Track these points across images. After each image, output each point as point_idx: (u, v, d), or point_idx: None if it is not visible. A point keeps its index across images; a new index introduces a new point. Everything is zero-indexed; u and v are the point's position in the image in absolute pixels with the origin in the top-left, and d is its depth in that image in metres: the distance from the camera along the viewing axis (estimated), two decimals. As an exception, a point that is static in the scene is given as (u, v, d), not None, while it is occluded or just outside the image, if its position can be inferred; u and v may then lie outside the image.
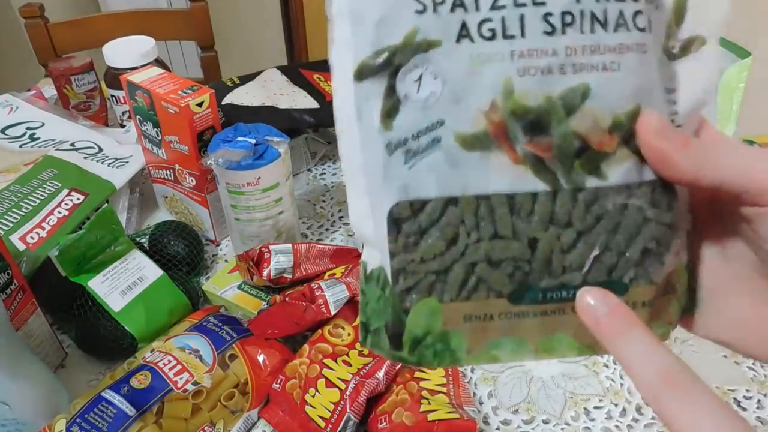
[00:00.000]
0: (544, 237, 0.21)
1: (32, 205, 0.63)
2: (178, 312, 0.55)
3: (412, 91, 0.20)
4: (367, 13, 0.20)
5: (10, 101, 0.83)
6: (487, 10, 0.20)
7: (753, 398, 0.51)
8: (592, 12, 0.20)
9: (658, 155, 0.21)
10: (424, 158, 0.21)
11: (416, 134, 0.21)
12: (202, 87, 0.62)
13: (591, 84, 0.20)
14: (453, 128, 0.20)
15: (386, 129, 0.21)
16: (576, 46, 0.20)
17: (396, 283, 0.22)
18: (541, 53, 0.20)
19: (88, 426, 0.42)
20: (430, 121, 0.21)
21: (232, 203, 0.60)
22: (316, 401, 0.46)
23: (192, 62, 2.17)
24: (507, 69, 0.20)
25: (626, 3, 0.20)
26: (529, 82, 0.20)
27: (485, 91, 0.20)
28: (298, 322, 0.51)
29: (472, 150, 0.20)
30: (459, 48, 0.20)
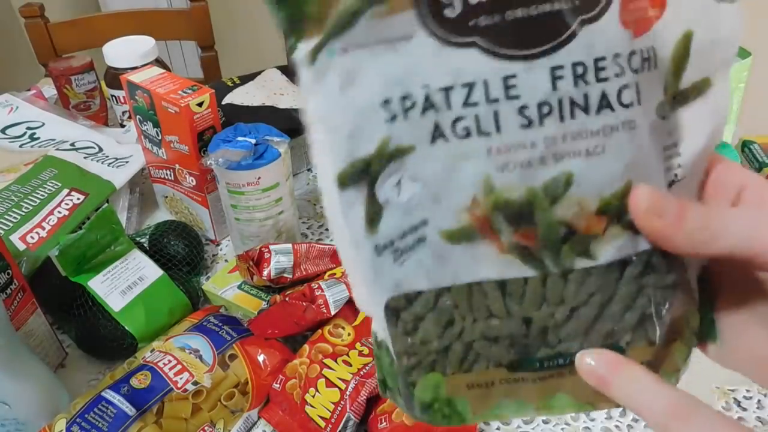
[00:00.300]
0: (538, 316, 0.22)
1: (32, 205, 0.63)
2: (178, 312, 0.55)
3: (393, 195, 0.20)
4: (338, 127, 0.20)
5: (10, 101, 0.83)
6: (460, 108, 0.19)
7: (753, 398, 0.51)
8: (570, 98, 0.19)
9: (653, 234, 0.20)
10: (412, 256, 0.21)
11: (402, 234, 0.21)
12: (202, 87, 0.62)
13: (574, 171, 0.20)
14: (437, 226, 0.21)
15: (372, 233, 0.21)
16: (556, 136, 0.19)
17: (400, 362, 0.23)
18: (519, 147, 0.19)
19: (88, 426, 0.42)
20: (414, 221, 0.21)
21: (232, 203, 0.60)
22: (316, 401, 0.46)
23: (192, 62, 2.17)
24: (485, 166, 0.20)
25: (609, 81, 0.19)
26: (509, 176, 0.20)
27: (465, 188, 0.20)
28: (298, 322, 0.51)
29: (458, 243, 0.21)
30: (434, 149, 0.20)
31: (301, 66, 0.19)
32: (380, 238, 0.21)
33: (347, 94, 0.19)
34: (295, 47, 0.19)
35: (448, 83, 0.19)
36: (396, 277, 0.21)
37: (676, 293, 0.22)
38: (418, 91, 0.19)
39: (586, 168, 0.20)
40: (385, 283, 0.21)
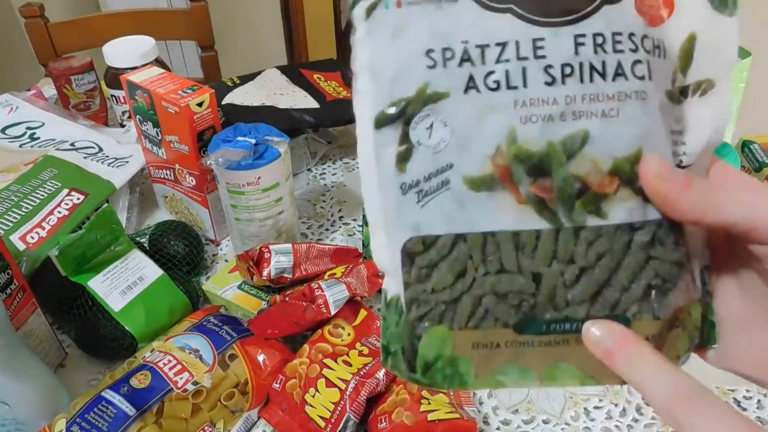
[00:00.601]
0: (548, 272, 0.22)
1: (32, 205, 0.63)
2: (178, 312, 0.55)
3: (424, 137, 0.22)
4: (384, 70, 0.23)
5: (10, 101, 0.83)
6: (493, 63, 0.22)
7: (753, 398, 0.51)
8: (590, 63, 0.21)
9: (660, 197, 0.21)
10: (435, 198, 0.22)
11: (428, 176, 0.22)
12: (202, 87, 0.62)
13: (590, 130, 0.21)
14: (461, 171, 0.22)
15: (401, 171, 0.23)
16: (575, 95, 0.21)
17: (409, 312, 0.23)
18: (543, 102, 0.21)
19: (88, 426, 0.42)
20: (441, 164, 0.22)
21: (232, 203, 0.60)
22: (316, 401, 0.46)
23: (192, 62, 2.16)
24: (511, 117, 0.22)
25: (624, 54, 0.22)
26: (531, 129, 0.21)
27: (491, 137, 0.22)
28: (298, 322, 0.51)
29: (478, 191, 0.22)
30: (466, 98, 0.22)
31: (359, 21, 0.23)
32: (407, 176, 0.23)
33: (396, 43, 0.22)
34: (356, 4, 0.23)
35: (484, 41, 0.22)
36: (417, 218, 0.23)
37: (681, 275, 0.23)
38: (457, 46, 0.22)
39: (602, 129, 0.21)
40: (406, 223, 0.23)
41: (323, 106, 0.80)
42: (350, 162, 0.85)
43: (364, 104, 0.23)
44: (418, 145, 0.22)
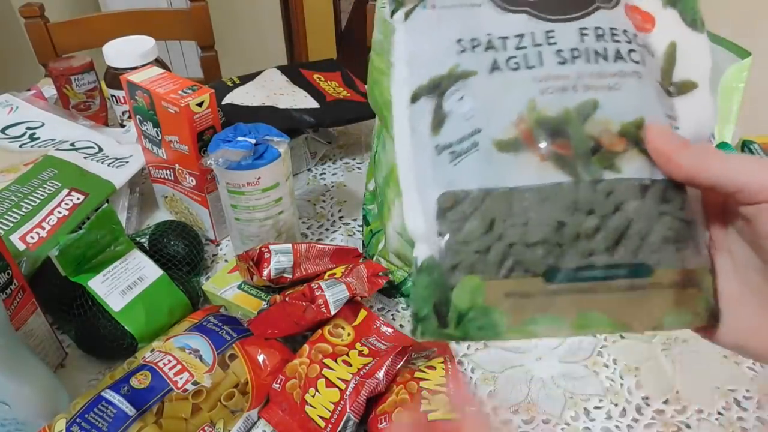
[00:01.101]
0: (570, 220, 0.24)
1: (32, 205, 0.63)
2: (178, 312, 0.55)
3: (456, 106, 0.26)
4: (420, 57, 0.27)
5: (10, 101, 0.83)
6: (513, 49, 0.26)
7: (753, 398, 0.51)
8: (594, 48, 0.26)
9: (661, 154, 0.24)
10: (466, 157, 0.25)
11: (459, 139, 0.26)
12: (202, 87, 0.62)
13: (599, 99, 0.25)
14: (489, 135, 0.25)
15: (435, 135, 0.26)
16: (584, 72, 0.25)
17: (444, 261, 0.25)
18: (557, 77, 0.25)
19: (88, 426, 0.42)
20: (471, 129, 0.26)
21: (232, 203, 0.60)
22: (316, 401, 0.46)
23: (192, 62, 2.17)
24: (531, 90, 0.25)
25: (621, 43, 0.26)
26: (549, 98, 0.25)
27: (514, 106, 0.25)
28: (298, 322, 0.51)
29: (505, 152, 0.25)
30: (492, 77, 0.26)
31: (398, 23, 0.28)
32: (441, 139, 0.26)
33: (432, 34, 0.27)
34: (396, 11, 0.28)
35: (505, 34, 0.27)
36: (450, 175, 0.25)
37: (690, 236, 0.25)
38: (483, 36, 0.27)
39: (608, 98, 0.25)
40: (441, 180, 0.26)
41: (323, 106, 0.80)
42: (350, 162, 0.85)
43: (401, 88, 0.27)
44: (450, 113, 0.26)
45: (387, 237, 0.61)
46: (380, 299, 0.63)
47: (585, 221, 0.24)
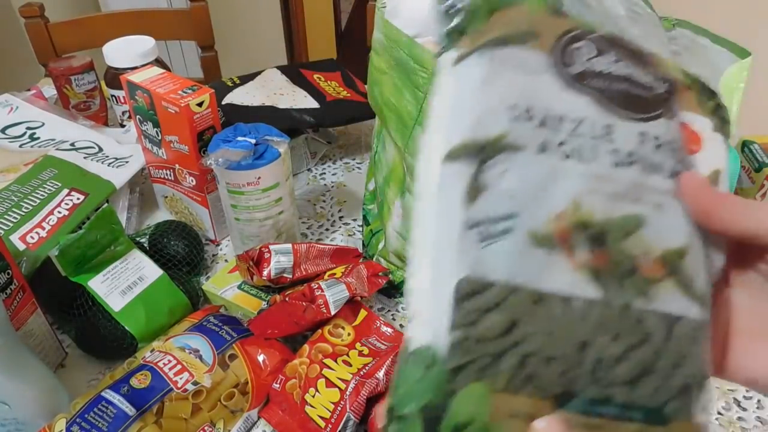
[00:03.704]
0: (594, 342, 0.22)
1: (32, 205, 0.63)
2: (178, 312, 0.55)
3: (496, 181, 0.23)
4: (466, 109, 0.23)
5: (10, 101, 0.83)
6: (568, 134, 0.23)
7: (753, 398, 0.51)
8: (651, 159, 0.24)
9: (700, 207, 0.24)
10: (497, 243, 0.22)
11: (493, 219, 0.22)
12: (202, 87, 0.62)
13: (646, 216, 0.23)
14: (525, 224, 0.22)
15: (467, 208, 0.22)
16: (636, 182, 0.23)
17: (450, 359, 0.21)
18: (609, 179, 0.23)
19: (88, 426, 0.42)
20: (508, 211, 0.22)
21: (232, 203, 0.60)
22: (316, 401, 0.46)
23: (192, 62, 2.16)
24: (579, 186, 0.23)
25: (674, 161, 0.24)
26: (595, 200, 0.23)
27: (558, 199, 0.23)
28: (298, 322, 0.51)
29: (539, 247, 0.22)
30: (540, 158, 0.23)
31: (447, 65, 0.24)
32: (473, 213, 0.22)
33: (485, 89, 0.24)
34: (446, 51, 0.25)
35: (563, 113, 0.24)
36: (476, 258, 0.22)
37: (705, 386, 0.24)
38: (539, 109, 0.23)
39: (656, 217, 0.23)
40: (465, 260, 0.22)
41: (323, 106, 0.80)
42: (350, 162, 0.85)
43: (436, 139, 0.24)
44: (488, 186, 0.23)
45: (387, 237, 0.61)
46: (380, 299, 0.63)
47: (609, 346, 0.22)
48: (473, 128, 0.23)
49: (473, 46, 0.24)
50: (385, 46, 0.65)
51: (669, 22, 0.59)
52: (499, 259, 0.22)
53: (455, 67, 0.24)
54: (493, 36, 0.24)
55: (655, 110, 0.25)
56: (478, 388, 0.21)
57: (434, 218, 0.23)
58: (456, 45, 0.24)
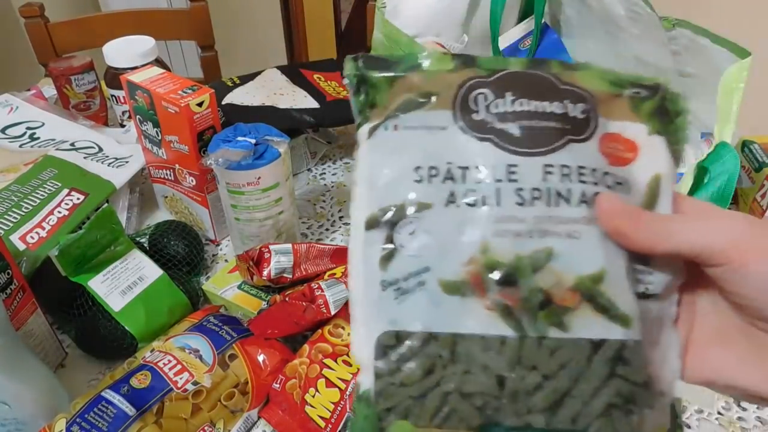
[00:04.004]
0: (511, 376, 0.23)
1: (32, 205, 0.63)
2: (178, 312, 0.55)
3: (407, 241, 0.25)
4: (379, 180, 0.26)
5: (10, 101, 0.83)
6: (472, 183, 0.24)
7: (753, 398, 0.51)
8: (557, 190, 0.24)
9: (615, 232, 0.24)
10: (411, 297, 0.24)
11: (406, 276, 0.24)
12: (202, 87, 0.62)
13: (555, 248, 0.23)
14: (437, 275, 0.24)
15: (382, 270, 0.25)
16: (543, 216, 0.24)
17: (377, 403, 0.24)
18: (513, 220, 0.24)
19: (88, 426, 0.42)
20: (419, 266, 0.24)
21: (232, 203, 0.60)
22: (316, 401, 0.46)
23: (192, 62, 2.16)
24: (485, 231, 0.24)
25: (587, 185, 0.24)
26: (502, 242, 0.24)
27: (466, 247, 0.24)
28: (298, 322, 0.51)
29: (452, 294, 0.24)
30: (447, 211, 0.24)
31: (362, 139, 0.27)
32: (388, 275, 0.25)
33: (391, 158, 0.26)
34: (361, 125, 0.27)
35: (466, 163, 0.25)
36: (394, 314, 0.24)
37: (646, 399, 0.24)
38: (443, 165, 0.25)
39: (566, 247, 0.24)
40: (383, 317, 0.24)
41: (323, 106, 0.80)
42: (350, 162, 0.85)
43: (359, 210, 0.26)
44: (400, 248, 0.25)
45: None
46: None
47: (526, 377, 0.23)
48: (383, 197, 0.25)
49: (381, 118, 0.26)
50: (385, 46, 0.65)
51: (669, 22, 0.59)
52: (414, 312, 0.24)
53: (369, 140, 0.26)
54: (396, 105, 0.26)
55: (561, 137, 0.25)
56: (404, 426, 0.24)
57: (362, 280, 0.26)
58: (368, 118, 0.27)
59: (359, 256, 0.26)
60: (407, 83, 0.26)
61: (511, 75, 0.26)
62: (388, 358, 0.24)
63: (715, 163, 0.48)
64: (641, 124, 0.26)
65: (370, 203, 0.26)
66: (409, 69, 0.26)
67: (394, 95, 0.26)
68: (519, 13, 0.85)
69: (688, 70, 0.61)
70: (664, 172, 0.26)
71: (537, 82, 0.26)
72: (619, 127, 0.26)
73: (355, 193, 0.26)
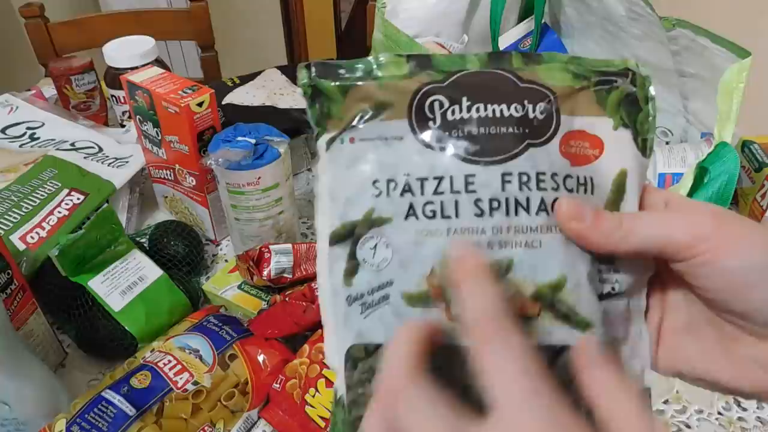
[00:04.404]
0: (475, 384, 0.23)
1: (32, 205, 0.63)
2: (178, 312, 0.55)
3: (369, 256, 0.25)
4: (339, 194, 0.25)
5: (10, 101, 0.83)
6: (430, 194, 0.24)
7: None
8: (516, 198, 0.24)
9: (575, 236, 0.23)
10: (376, 311, 0.24)
11: (371, 291, 0.25)
12: (202, 87, 0.62)
13: (514, 257, 0.23)
14: (400, 288, 0.24)
15: (347, 285, 0.25)
16: (501, 226, 0.23)
17: (350, 413, 0.25)
18: (471, 231, 0.23)
19: (88, 426, 0.42)
20: (382, 280, 0.24)
21: (232, 203, 0.60)
22: (316, 401, 0.46)
23: (192, 62, 2.17)
24: (444, 242, 0.24)
25: (547, 192, 0.24)
26: None
27: (427, 259, 0.24)
28: (298, 322, 0.51)
29: (415, 306, 0.24)
30: (407, 224, 0.24)
31: (321, 151, 0.26)
32: (353, 290, 0.25)
33: (349, 171, 0.25)
34: (320, 136, 0.26)
35: (424, 175, 0.24)
36: (360, 327, 0.25)
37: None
38: (401, 178, 0.24)
39: (525, 256, 0.23)
40: (350, 331, 0.25)
41: (323, 106, 0.79)
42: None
43: (323, 223, 0.26)
44: (363, 262, 0.25)
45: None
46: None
47: None
48: (343, 213, 0.25)
49: (337, 130, 0.26)
50: (385, 46, 0.65)
51: (669, 22, 0.59)
52: (379, 325, 0.24)
53: (327, 152, 0.26)
54: (352, 116, 0.25)
55: (520, 143, 0.24)
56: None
57: (329, 294, 0.26)
58: (325, 129, 0.26)
59: (325, 271, 0.26)
60: (361, 92, 0.25)
61: (468, 77, 0.25)
62: (358, 369, 0.25)
63: (715, 163, 0.48)
64: (606, 118, 0.25)
65: (333, 218, 0.25)
66: (363, 76, 0.25)
67: (349, 105, 0.25)
68: (519, 13, 0.85)
69: (688, 70, 0.61)
70: (630, 167, 0.25)
71: (495, 83, 0.25)
72: (583, 123, 0.25)
73: (318, 206, 0.26)
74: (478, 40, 0.80)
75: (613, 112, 0.25)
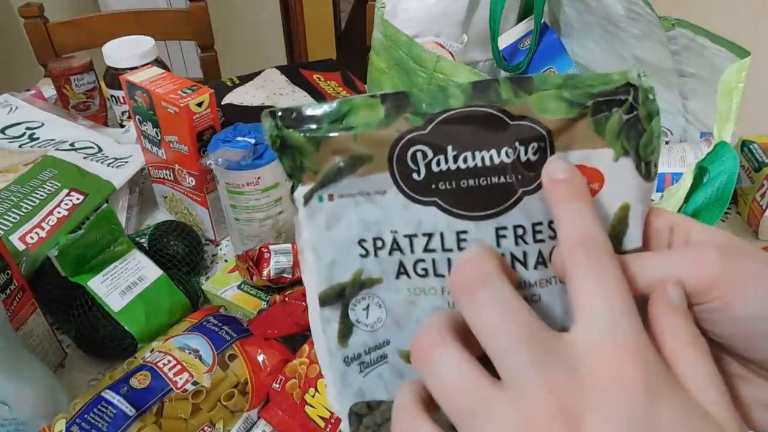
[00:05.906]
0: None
1: (32, 205, 0.63)
2: (178, 312, 0.55)
3: (362, 317, 0.24)
4: (323, 254, 0.24)
5: (9, 101, 0.83)
6: (420, 252, 0.23)
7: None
8: (512, 254, 0.23)
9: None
10: (375, 369, 0.25)
11: (367, 350, 0.25)
12: (202, 87, 0.62)
13: None
14: (397, 347, 0.24)
15: (343, 346, 0.25)
16: None
17: None
18: None
19: (88, 426, 0.42)
20: (378, 340, 0.24)
21: (232, 203, 0.60)
22: (316, 401, 0.46)
23: (192, 62, 2.17)
24: (439, 301, 0.23)
25: (545, 243, 0.23)
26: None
27: (422, 317, 0.23)
28: (298, 322, 0.51)
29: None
30: (398, 283, 0.24)
31: (298, 204, 0.24)
32: (349, 351, 0.25)
33: (331, 232, 0.24)
34: (295, 188, 0.24)
35: (412, 232, 0.23)
36: (360, 386, 0.25)
37: None
38: (387, 236, 0.23)
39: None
40: (351, 390, 0.25)
41: (323, 106, 0.79)
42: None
43: (311, 278, 0.25)
44: (357, 323, 0.24)
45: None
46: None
47: None
48: (330, 276, 0.24)
49: (313, 183, 0.24)
50: (384, 46, 0.65)
51: (669, 22, 0.59)
52: (379, 383, 0.25)
53: (306, 207, 0.24)
54: (326, 171, 0.23)
55: (512, 194, 0.22)
56: None
57: (324, 351, 0.25)
58: (301, 181, 0.24)
59: (319, 331, 0.25)
60: (335, 145, 0.23)
61: (451, 120, 0.22)
62: (364, 425, 0.25)
63: (715, 162, 0.48)
64: (606, 149, 0.23)
65: (320, 278, 0.24)
66: (335, 125, 0.23)
67: (322, 158, 0.23)
68: (519, 13, 0.85)
69: (688, 69, 0.61)
70: (633, 198, 0.23)
71: (482, 124, 0.22)
72: (580, 157, 0.23)
73: (303, 260, 0.25)
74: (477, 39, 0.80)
75: (613, 140, 0.23)
